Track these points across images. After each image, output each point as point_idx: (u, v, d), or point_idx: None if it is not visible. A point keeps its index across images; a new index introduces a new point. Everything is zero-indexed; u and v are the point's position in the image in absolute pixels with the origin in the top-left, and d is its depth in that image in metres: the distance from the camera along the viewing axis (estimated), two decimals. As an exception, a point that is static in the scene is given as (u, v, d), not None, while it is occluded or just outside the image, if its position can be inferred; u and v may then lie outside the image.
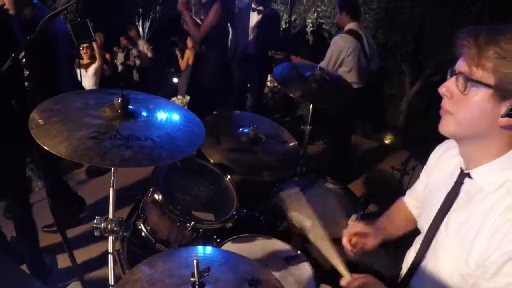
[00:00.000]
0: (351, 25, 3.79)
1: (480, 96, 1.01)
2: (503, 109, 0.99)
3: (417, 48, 5.31)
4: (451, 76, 1.09)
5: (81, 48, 5.22)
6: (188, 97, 4.04)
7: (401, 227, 1.61)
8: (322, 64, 3.65)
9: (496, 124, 1.02)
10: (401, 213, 1.63)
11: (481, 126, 1.04)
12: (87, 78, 5.47)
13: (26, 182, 3.46)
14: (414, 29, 5.22)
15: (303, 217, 1.61)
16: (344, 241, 1.53)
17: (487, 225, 1.06)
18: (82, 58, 5.36)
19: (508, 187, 1.06)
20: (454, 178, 1.20)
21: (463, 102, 1.04)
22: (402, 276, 1.42)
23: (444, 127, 1.12)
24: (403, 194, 1.67)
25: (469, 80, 1.01)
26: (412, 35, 5.27)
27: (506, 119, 0.99)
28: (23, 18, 2.51)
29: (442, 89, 1.10)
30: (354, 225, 1.54)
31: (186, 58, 6.19)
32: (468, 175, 1.15)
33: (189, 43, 6.11)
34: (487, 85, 0.98)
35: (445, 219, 1.21)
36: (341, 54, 3.70)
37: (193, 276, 1.00)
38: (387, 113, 5.96)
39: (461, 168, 1.19)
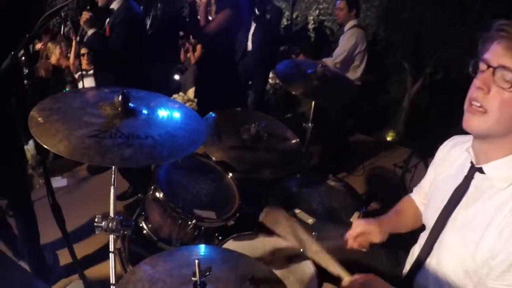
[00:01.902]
0: (355, 22, 3.85)
1: None
2: None
3: (418, 47, 5.30)
4: (476, 69, 1.04)
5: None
6: (195, 99, 4.04)
7: (408, 223, 1.57)
8: (335, 54, 3.76)
9: None
10: (409, 209, 1.59)
11: None
12: (90, 79, 5.43)
13: (27, 180, 3.46)
14: (414, 28, 5.20)
15: (290, 237, 1.57)
16: (350, 243, 1.50)
17: (495, 222, 1.05)
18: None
19: None
20: (464, 173, 1.19)
21: (503, 99, 0.99)
22: (407, 272, 1.41)
23: (474, 124, 1.06)
24: (405, 191, 1.67)
25: None
26: (412, 34, 5.26)
27: None
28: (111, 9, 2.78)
29: (477, 82, 1.03)
30: (357, 225, 1.49)
31: (198, 51, 6.13)
32: (480, 170, 1.13)
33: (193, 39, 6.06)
34: None
35: (453, 214, 1.20)
36: (357, 48, 3.76)
37: (194, 275, 0.99)
38: (388, 110, 5.95)
39: (471, 162, 1.17)
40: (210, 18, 3.86)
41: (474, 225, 1.11)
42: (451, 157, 1.33)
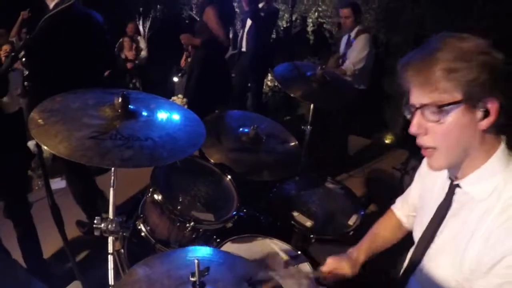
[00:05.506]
0: (360, 26, 3.94)
1: (454, 116, 0.99)
2: (479, 114, 0.99)
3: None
4: (411, 112, 1.07)
5: None
6: (185, 99, 4.03)
7: (388, 239, 1.60)
8: (353, 60, 3.84)
9: (477, 131, 1.01)
10: (389, 224, 1.62)
11: (465, 141, 1.03)
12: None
13: (26, 182, 3.47)
14: (414, 29, 5.21)
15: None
16: (323, 278, 1.52)
17: (479, 232, 1.05)
18: None
19: (498, 192, 1.05)
20: (445, 189, 1.19)
21: (442, 130, 1.02)
22: (399, 278, 1.41)
23: (435, 164, 1.09)
24: (403, 193, 1.67)
25: (440, 107, 0.99)
26: (412, 35, 5.26)
27: (485, 121, 0.99)
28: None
29: (413, 129, 1.06)
30: (329, 263, 1.52)
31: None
32: (459, 186, 1.14)
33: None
34: (457, 102, 0.97)
35: (439, 229, 1.20)
36: (370, 52, 3.86)
37: (193, 275, 0.99)
38: (387, 113, 5.95)
39: (450, 178, 1.18)
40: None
41: (459, 238, 1.12)
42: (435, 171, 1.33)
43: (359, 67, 3.83)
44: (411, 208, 1.52)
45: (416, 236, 1.34)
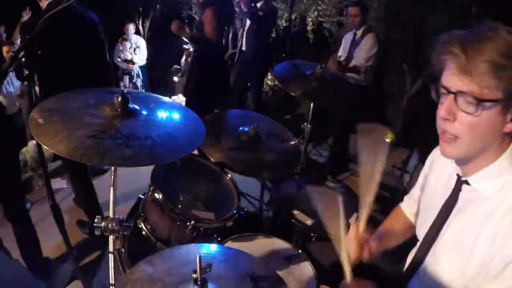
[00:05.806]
0: (365, 26, 4.01)
1: (489, 113, 0.95)
2: (509, 116, 0.96)
3: (417, 47, 5.30)
4: (441, 94, 1.03)
5: None
6: (184, 98, 4.03)
7: (399, 236, 1.56)
8: (362, 59, 3.92)
9: (501, 132, 0.99)
10: (399, 221, 1.59)
11: (488, 139, 1.01)
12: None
13: (25, 182, 3.47)
14: (414, 28, 5.21)
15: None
16: (352, 234, 1.45)
17: (486, 230, 1.04)
18: None
19: (506, 190, 1.04)
20: (452, 185, 1.18)
21: (471, 123, 0.97)
22: (402, 277, 1.40)
23: (451, 151, 1.06)
24: (404, 192, 1.66)
25: (481, 101, 0.94)
26: (412, 34, 5.26)
27: (511, 124, 0.97)
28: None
29: (443, 113, 1.01)
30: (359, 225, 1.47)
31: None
32: (466, 182, 1.12)
33: None
34: (497, 101, 0.94)
35: (444, 227, 1.19)
36: (378, 50, 3.95)
37: (195, 272, 0.99)
38: (387, 111, 5.94)
39: (457, 175, 1.16)
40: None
41: (464, 236, 1.10)
42: (440, 167, 1.31)
43: (369, 64, 3.89)
44: (416, 207, 1.49)
45: (420, 235, 1.32)
